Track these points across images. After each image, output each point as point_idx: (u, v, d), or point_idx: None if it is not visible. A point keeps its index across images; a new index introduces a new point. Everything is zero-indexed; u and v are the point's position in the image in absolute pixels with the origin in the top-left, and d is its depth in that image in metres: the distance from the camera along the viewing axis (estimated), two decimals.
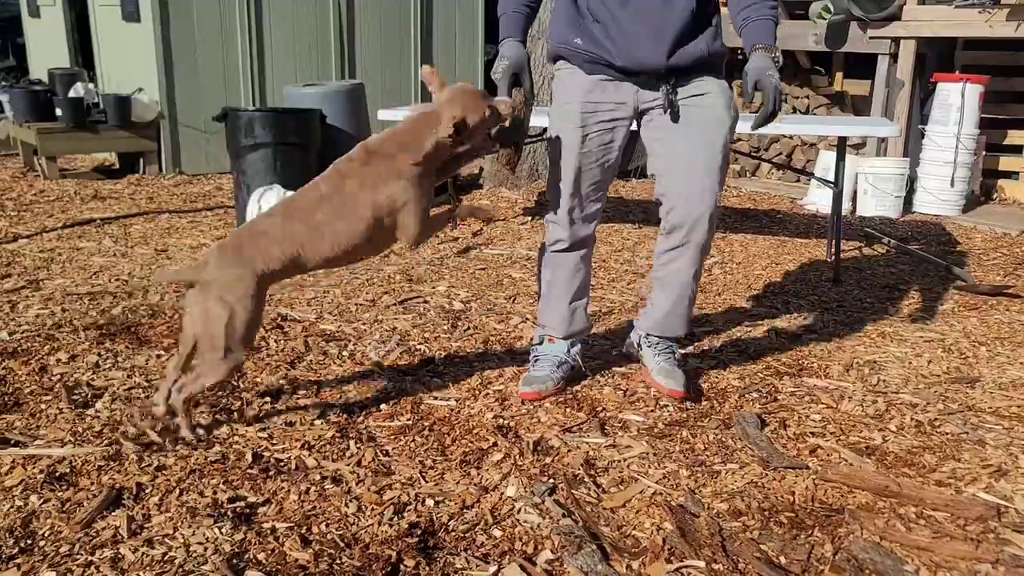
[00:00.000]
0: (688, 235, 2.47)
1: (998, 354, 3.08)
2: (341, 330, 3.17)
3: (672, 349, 2.68)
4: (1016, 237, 5.23)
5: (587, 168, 2.50)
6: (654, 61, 2.36)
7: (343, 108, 5.21)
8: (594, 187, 2.55)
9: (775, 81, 2.26)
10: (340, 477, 2.09)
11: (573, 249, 2.63)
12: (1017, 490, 2.10)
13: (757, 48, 2.31)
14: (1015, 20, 5.34)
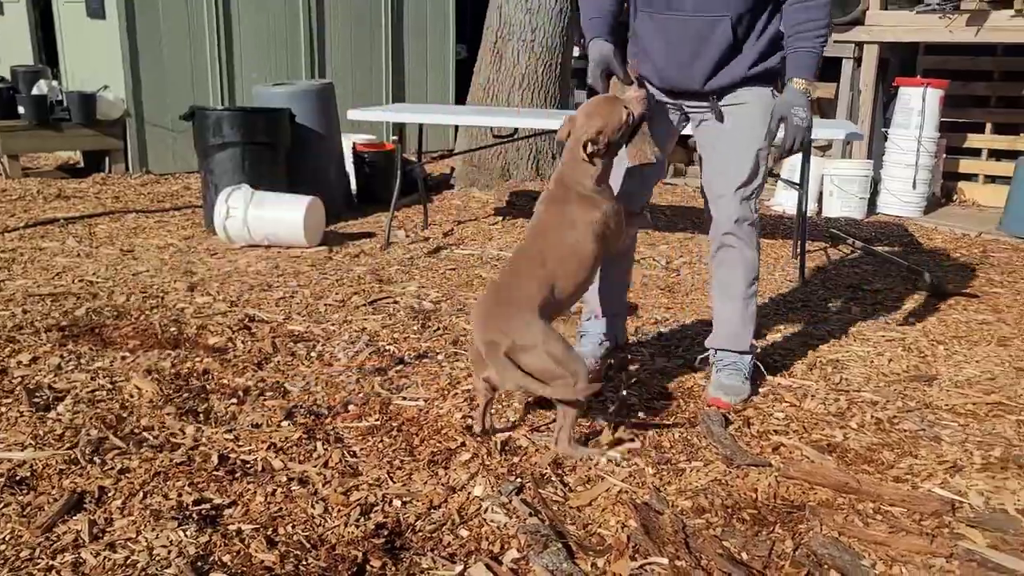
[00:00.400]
0: (722, 240, 2.57)
1: (955, 353, 3.15)
2: (310, 331, 3.17)
3: (737, 364, 2.67)
4: (975, 238, 5.34)
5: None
6: (689, 86, 2.50)
7: (313, 108, 5.18)
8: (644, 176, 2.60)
9: (799, 120, 2.36)
10: (307, 478, 2.09)
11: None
12: (971, 485, 2.15)
13: (793, 82, 2.39)
14: (974, 26, 5.45)
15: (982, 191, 6.46)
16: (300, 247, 4.40)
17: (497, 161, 6.32)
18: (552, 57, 6.24)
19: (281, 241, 4.40)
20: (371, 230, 4.92)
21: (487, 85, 6.33)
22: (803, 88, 2.38)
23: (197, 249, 4.36)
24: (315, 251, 4.37)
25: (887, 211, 6.04)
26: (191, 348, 2.93)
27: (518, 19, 6.15)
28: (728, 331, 2.69)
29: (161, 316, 3.24)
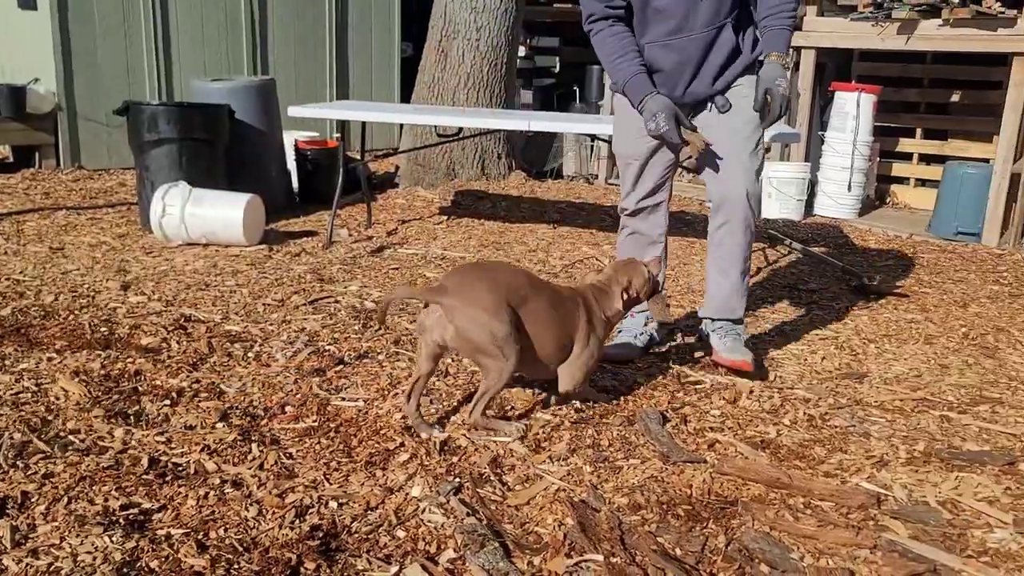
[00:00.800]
0: (729, 214, 2.70)
1: (885, 351, 3.25)
2: (247, 331, 3.11)
3: (737, 332, 2.88)
4: (906, 240, 5.51)
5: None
6: (699, 91, 2.72)
7: (253, 104, 5.09)
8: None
9: (782, 90, 2.59)
10: (241, 481, 2.05)
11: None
12: (896, 479, 2.22)
13: (771, 57, 2.63)
14: (905, 34, 5.63)
15: (913, 194, 6.67)
16: (239, 246, 4.33)
17: (442, 160, 6.31)
18: (498, 56, 6.25)
19: (220, 240, 4.32)
20: (313, 229, 4.86)
21: (432, 84, 6.31)
22: (781, 61, 2.62)
23: (132, 247, 4.26)
24: (255, 250, 4.30)
25: (823, 213, 6.20)
26: (123, 349, 2.85)
27: (463, 18, 6.15)
28: (726, 303, 2.85)
29: (91, 316, 3.15)
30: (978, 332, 3.53)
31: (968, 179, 5.58)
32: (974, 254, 5.16)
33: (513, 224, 5.22)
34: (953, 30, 5.46)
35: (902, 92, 6.54)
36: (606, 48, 2.69)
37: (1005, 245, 5.47)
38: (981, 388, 2.91)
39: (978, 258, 5.06)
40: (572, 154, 7.08)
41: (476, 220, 5.28)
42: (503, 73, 6.33)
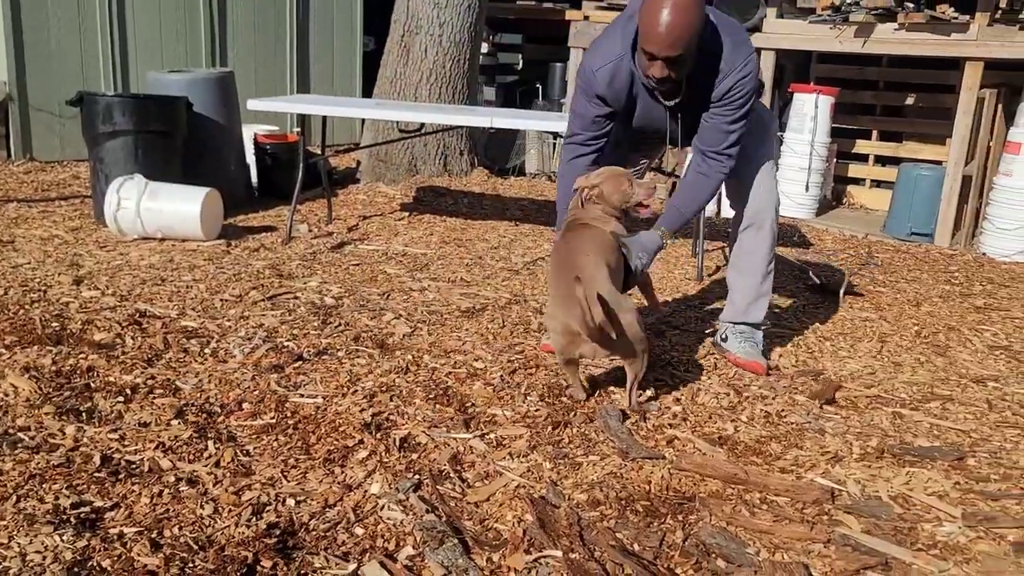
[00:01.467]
0: (761, 218, 2.90)
1: (840, 348, 3.31)
2: (204, 327, 3.07)
3: (755, 337, 3.02)
4: (862, 239, 5.62)
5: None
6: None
7: (212, 97, 5.01)
8: None
9: (638, 262, 2.66)
10: (196, 478, 2.02)
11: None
12: (850, 474, 2.26)
13: (658, 228, 2.77)
14: (861, 37, 5.73)
15: (869, 195, 6.80)
16: (197, 240, 4.26)
17: (404, 156, 6.27)
18: (460, 52, 6.23)
19: (176, 234, 4.25)
20: (272, 224, 4.81)
21: (394, 79, 6.27)
22: (660, 236, 2.75)
23: (85, 241, 4.16)
24: (212, 245, 4.24)
25: (781, 212, 6.26)
26: (75, 344, 2.79)
27: (426, 13, 6.12)
28: (748, 305, 2.99)
29: (43, 311, 3.08)
30: (930, 331, 3.61)
31: (922, 181, 5.71)
32: (927, 254, 5.28)
33: (475, 221, 5.21)
34: (908, 34, 5.57)
35: (859, 94, 6.66)
36: (566, 166, 2.83)
37: (957, 245, 5.60)
38: (932, 385, 2.97)
39: (931, 258, 5.17)
40: (534, 151, 7.09)
41: (438, 217, 5.26)
42: (466, 69, 6.32)
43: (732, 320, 3.05)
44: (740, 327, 3.03)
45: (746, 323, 3.02)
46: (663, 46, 2.41)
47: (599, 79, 2.65)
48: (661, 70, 2.47)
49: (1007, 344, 3.50)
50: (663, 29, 2.38)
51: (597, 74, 2.65)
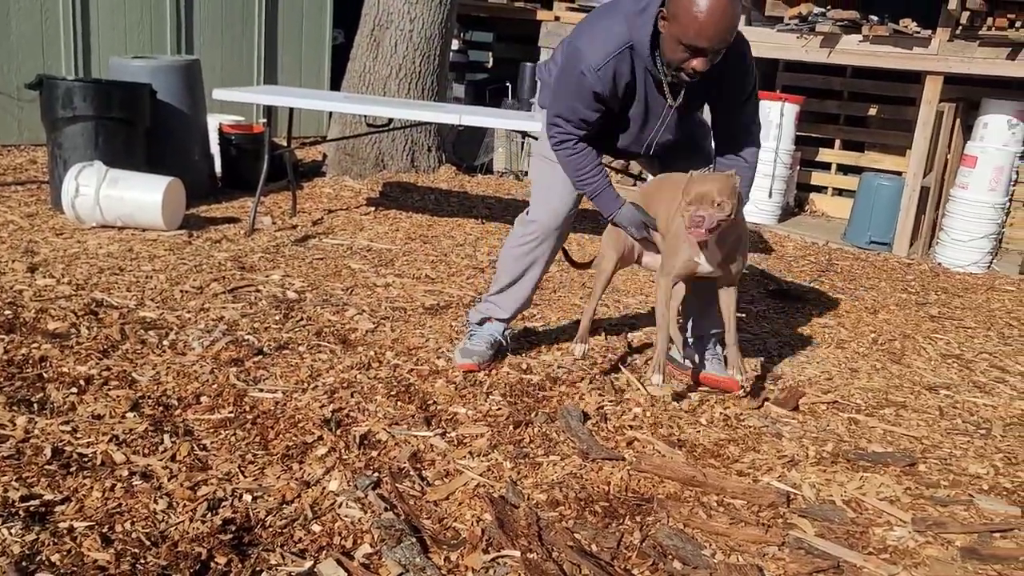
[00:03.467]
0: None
1: (799, 354, 3.35)
2: (163, 318, 3.02)
3: (718, 355, 2.92)
4: (822, 246, 5.70)
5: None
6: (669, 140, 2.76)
7: (176, 85, 4.92)
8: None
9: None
10: (151, 472, 1.99)
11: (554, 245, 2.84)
12: (805, 479, 2.30)
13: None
14: (827, 47, 5.81)
15: (830, 203, 6.90)
16: (157, 230, 4.19)
17: (371, 150, 6.23)
18: (431, 48, 6.20)
19: (137, 223, 4.17)
20: (236, 215, 4.74)
21: (363, 73, 6.22)
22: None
23: (41, 228, 4.07)
24: (174, 235, 4.17)
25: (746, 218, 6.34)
26: (28, 333, 2.73)
27: (397, 7, 6.08)
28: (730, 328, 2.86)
29: None
30: (886, 338, 3.68)
31: (882, 191, 5.81)
32: (885, 263, 5.37)
33: (441, 218, 5.20)
34: (872, 46, 5.67)
35: (823, 103, 6.75)
36: (574, 162, 2.62)
37: (914, 255, 5.71)
38: (887, 392, 3.03)
39: (889, 267, 5.27)
40: (503, 150, 7.09)
41: (404, 212, 5.23)
42: (436, 65, 6.29)
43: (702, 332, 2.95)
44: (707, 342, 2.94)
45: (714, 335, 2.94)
46: (715, 40, 2.25)
47: (603, 76, 2.42)
48: (705, 64, 2.30)
49: (959, 353, 3.58)
50: (717, 22, 2.22)
51: (600, 72, 2.41)
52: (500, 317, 2.92)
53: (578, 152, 2.60)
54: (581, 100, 2.49)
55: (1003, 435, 2.73)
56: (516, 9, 8.18)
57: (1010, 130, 5.43)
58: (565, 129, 2.57)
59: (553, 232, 2.77)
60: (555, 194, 2.74)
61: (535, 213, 2.79)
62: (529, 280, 2.86)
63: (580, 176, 2.64)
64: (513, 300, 2.90)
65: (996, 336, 3.89)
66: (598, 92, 2.45)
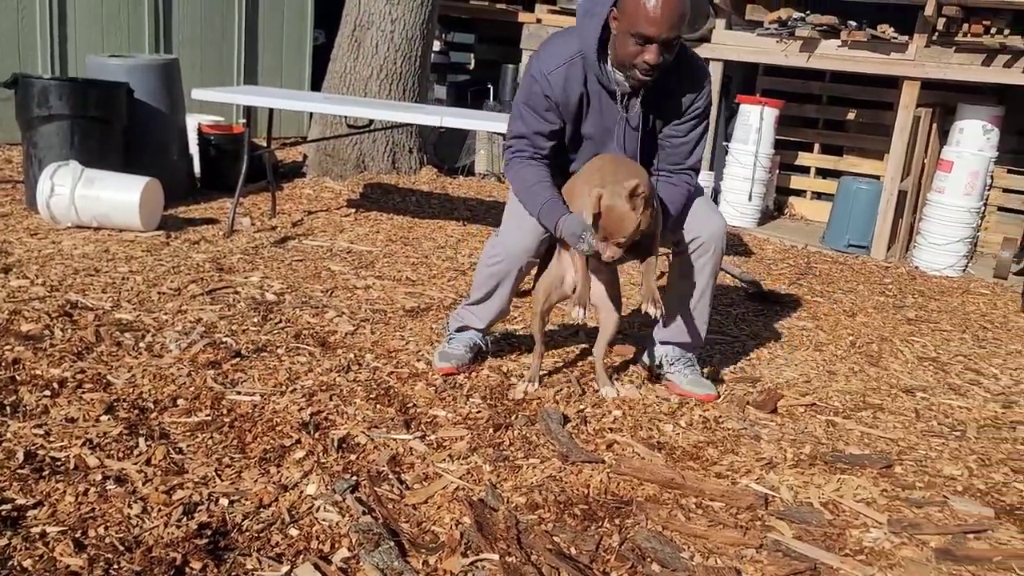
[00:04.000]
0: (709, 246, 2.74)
1: (777, 356, 3.37)
2: (140, 320, 2.98)
3: (693, 361, 2.91)
4: (801, 250, 5.74)
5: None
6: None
7: (154, 84, 4.87)
8: None
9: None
10: (125, 476, 1.97)
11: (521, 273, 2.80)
12: (783, 480, 2.31)
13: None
14: (806, 52, 5.86)
15: (809, 206, 6.95)
16: (134, 231, 4.14)
17: (352, 151, 6.20)
18: (412, 49, 6.19)
19: (113, 224, 4.13)
20: (215, 216, 4.70)
21: (344, 73, 6.20)
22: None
23: (15, 228, 4.02)
24: (151, 236, 4.13)
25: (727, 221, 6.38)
26: (0, 336, 2.69)
27: (378, 8, 6.06)
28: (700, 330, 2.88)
29: None
30: (864, 341, 3.71)
31: (860, 194, 5.86)
32: (863, 266, 5.42)
33: (423, 220, 5.18)
34: (850, 51, 5.72)
35: (802, 108, 6.80)
36: (522, 175, 2.62)
37: (892, 258, 5.77)
38: (864, 394, 3.06)
39: (867, 270, 5.31)
40: (484, 152, 7.08)
41: (384, 214, 5.22)
42: (417, 67, 6.27)
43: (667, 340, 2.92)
44: (672, 353, 2.90)
45: (681, 344, 2.90)
46: (663, 27, 2.30)
47: (552, 82, 2.50)
48: (656, 55, 2.35)
49: (935, 356, 3.61)
50: (662, 7, 2.28)
51: (550, 77, 2.50)
52: (476, 327, 2.91)
53: (522, 167, 2.62)
54: (535, 107, 2.55)
55: (977, 437, 2.76)
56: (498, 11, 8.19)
57: (985, 135, 5.49)
58: (517, 146, 2.62)
59: (518, 260, 2.73)
60: (524, 229, 2.69)
61: (503, 238, 2.77)
62: (500, 296, 2.83)
63: (528, 187, 2.60)
64: (488, 313, 2.88)
65: (971, 339, 3.94)
66: (549, 96, 2.51)
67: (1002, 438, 2.77)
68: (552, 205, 2.57)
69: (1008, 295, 4.96)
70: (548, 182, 2.61)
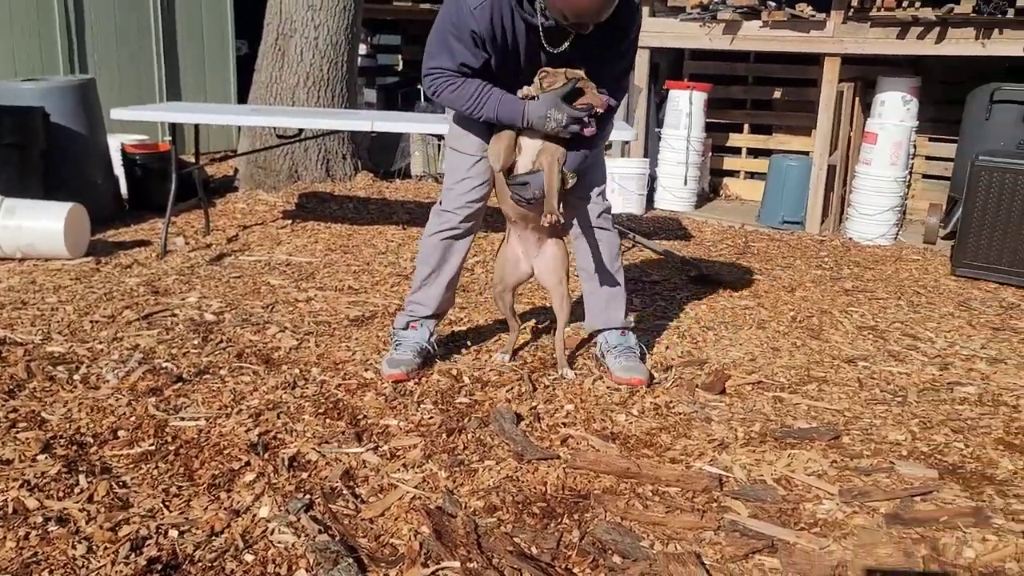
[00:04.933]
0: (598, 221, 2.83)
1: (722, 337, 3.42)
2: (72, 351, 2.89)
3: (630, 348, 2.94)
4: (739, 230, 5.84)
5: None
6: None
7: (71, 106, 4.72)
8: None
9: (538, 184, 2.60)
10: (67, 516, 1.90)
11: (467, 235, 2.85)
12: (736, 460, 2.34)
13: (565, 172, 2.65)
14: (729, 34, 5.95)
15: (743, 186, 7.07)
16: (61, 259, 4.01)
17: (284, 162, 6.10)
18: (338, 55, 6.11)
19: (39, 253, 3.99)
20: (146, 238, 4.58)
21: (270, 83, 6.09)
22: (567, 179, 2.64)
23: None
24: (80, 263, 4.00)
25: (663, 206, 6.46)
26: None
27: (300, 15, 5.96)
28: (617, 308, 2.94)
29: None
30: (804, 315, 3.79)
31: (791, 171, 5.98)
32: (799, 241, 5.53)
33: (361, 226, 5.12)
34: (771, 31, 5.83)
35: (730, 90, 6.91)
36: (462, 91, 2.54)
37: (825, 232, 5.91)
38: (808, 368, 3.12)
39: (803, 245, 5.43)
40: (419, 153, 7.03)
41: (322, 223, 5.14)
42: (344, 72, 6.20)
43: (596, 327, 2.98)
44: (611, 339, 2.94)
45: (612, 328, 2.95)
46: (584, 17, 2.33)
47: (479, 17, 2.40)
48: (586, 28, 2.39)
49: (874, 324, 3.71)
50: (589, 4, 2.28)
51: (476, 12, 2.40)
52: (424, 315, 2.90)
53: (460, 85, 2.54)
54: (461, 41, 2.46)
55: (918, 401, 2.84)
56: (423, 11, 8.14)
57: (905, 106, 5.65)
58: (443, 76, 2.53)
59: (467, 221, 2.80)
60: (466, 184, 2.76)
61: (448, 202, 2.80)
62: (449, 269, 2.87)
63: (473, 102, 2.54)
64: (435, 293, 2.89)
65: (906, 305, 4.05)
66: (475, 31, 2.43)
67: (941, 400, 2.85)
68: (508, 100, 2.53)
69: (937, 259, 5.12)
70: (489, 85, 2.55)
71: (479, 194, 2.80)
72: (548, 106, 2.48)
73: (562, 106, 2.48)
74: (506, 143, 2.63)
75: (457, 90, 2.55)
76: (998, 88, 5.39)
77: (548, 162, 2.60)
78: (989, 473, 2.33)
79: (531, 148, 2.62)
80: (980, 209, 4.58)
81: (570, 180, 2.65)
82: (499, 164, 2.66)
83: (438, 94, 2.59)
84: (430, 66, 2.56)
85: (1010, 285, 4.48)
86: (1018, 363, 3.25)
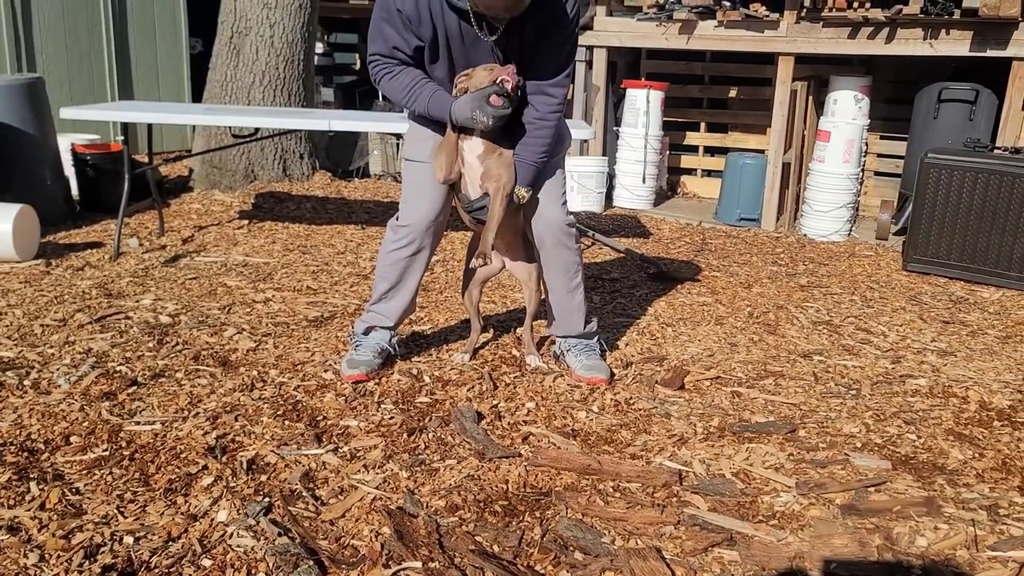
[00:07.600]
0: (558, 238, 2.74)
1: (681, 333, 3.46)
2: (22, 356, 2.82)
3: (590, 346, 2.96)
4: (696, 227, 5.91)
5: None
6: None
7: (18, 105, 4.60)
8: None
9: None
10: (18, 525, 1.85)
11: (427, 249, 2.79)
12: (695, 455, 2.37)
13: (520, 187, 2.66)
14: (685, 34, 6.02)
15: (700, 184, 7.16)
16: (10, 262, 3.91)
17: (240, 162, 6.02)
18: (294, 53, 6.05)
19: None
20: (98, 239, 4.49)
21: (225, 82, 6.00)
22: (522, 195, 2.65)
23: None
24: (29, 266, 3.90)
25: (622, 204, 6.51)
26: None
27: (255, 13, 5.89)
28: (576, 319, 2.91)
29: None
30: (761, 311, 3.84)
31: (747, 169, 6.07)
32: (755, 238, 5.62)
33: (320, 226, 5.08)
34: (727, 31, 5.91)
35: (686, 89, 6.99)
36: (397, 82, 2.58)
37: (781, 228, 6.00)
38: (765, 363, 3.16)
39: (759, 241, 5.51)
40: (378, 152, 6.99)
41: (280, 223, 5.08)
42: (300, 70, 6.14)
43: (557, 335, 2.98)
44: (573, 341, 2.94)
45: (578, 336, 2.94)
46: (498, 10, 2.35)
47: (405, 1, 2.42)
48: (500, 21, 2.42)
49: (828, 319, 3.77)
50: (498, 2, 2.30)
51: None
52: (385, 325, 2.88)
53: (396, 74, 2.57)
54: (391, 24, 2.48)
55: (871, 393, 2.90)
56: None
57: (857, 104, 5.77)
58: (380, 62, 2.57)
59: (426, 234, 2.73)
60: (424, 196, 2.71)
61: (405, 217, 2.74)
62: (410, 284, 2.82)
63: (407, 93, 2.58)
64: (396, 307, 2.86)
65: (860, 299, 4.13)
66: (401, 11, 2.44)
67: (893, 392, 2.92)
68: (439, 96, 2.58)
69: (889, 255, 5.23)
70: (425, 78, 2.59)
71: (438, 207, 2.71)
72: (472, 106, 2.49)
73: (485, 107, 2.49)
74: (447, 151, 2.63)
75: (394, 79, 2.58)
76: (945, 87, 5.53)
77: (493, 189, 2.61)
78: (940, 463, 2.38)
79: (474, 163, 2.62)
80: (930, 205, 4.69)
81: (525, 195, 2.66)
82: (442, 175, 2.65)
83: (377, 81, 2.62)
84: (369, 53, 2.60)
85: (959, 280, 4.59)
86: (967, 355, 3.34)
